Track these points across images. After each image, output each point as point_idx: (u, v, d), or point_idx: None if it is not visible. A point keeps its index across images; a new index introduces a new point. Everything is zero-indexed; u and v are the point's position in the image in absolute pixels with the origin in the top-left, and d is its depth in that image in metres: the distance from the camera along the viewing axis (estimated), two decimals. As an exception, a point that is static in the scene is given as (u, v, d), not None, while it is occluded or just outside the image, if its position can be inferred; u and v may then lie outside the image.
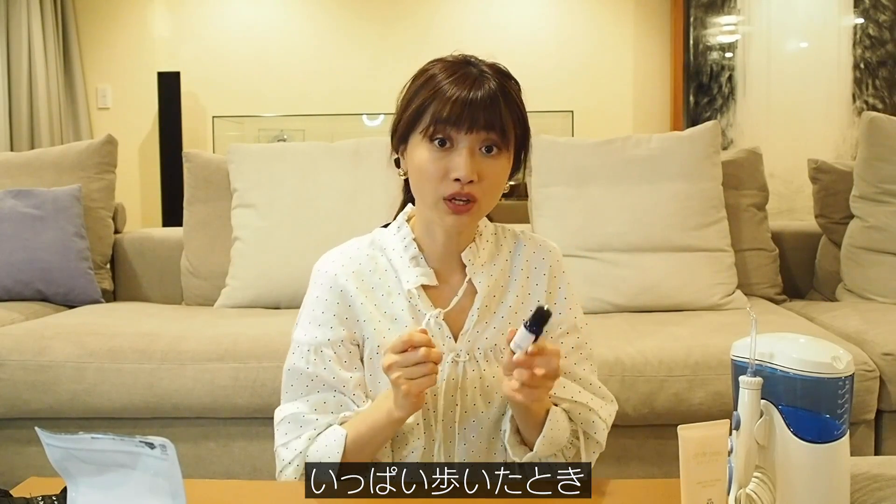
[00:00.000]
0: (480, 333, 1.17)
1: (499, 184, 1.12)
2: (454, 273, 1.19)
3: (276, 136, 4.47)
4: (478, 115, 1.06)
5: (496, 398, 1.16)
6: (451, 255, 1.18)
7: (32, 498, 0.97)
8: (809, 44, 4.21)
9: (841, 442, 0.89)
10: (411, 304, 1.16)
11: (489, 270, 1.18)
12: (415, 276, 1.16)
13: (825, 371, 0.87)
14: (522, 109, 1.13)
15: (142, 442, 0.81)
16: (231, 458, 1.88)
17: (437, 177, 1.08)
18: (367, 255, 1.21)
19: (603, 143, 2.39)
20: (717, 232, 2.32)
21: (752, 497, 0.90)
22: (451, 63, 1.11)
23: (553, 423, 1.11)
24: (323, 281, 1.20)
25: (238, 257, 2.41)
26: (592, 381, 1.22)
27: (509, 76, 1.13)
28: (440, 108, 1.06)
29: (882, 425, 1.83)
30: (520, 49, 4.44)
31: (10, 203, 2.43)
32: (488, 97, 1.07)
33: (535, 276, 1.21)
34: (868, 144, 2.38)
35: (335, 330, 1.16)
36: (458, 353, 1.16)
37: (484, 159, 1.08)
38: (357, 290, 1.17)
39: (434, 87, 1.08)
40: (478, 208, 1.10)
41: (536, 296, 1.20)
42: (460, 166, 1.06)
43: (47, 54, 4.24)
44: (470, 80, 1.08)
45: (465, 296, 1.17)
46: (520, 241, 1.23)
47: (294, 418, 1.16)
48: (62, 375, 1.86)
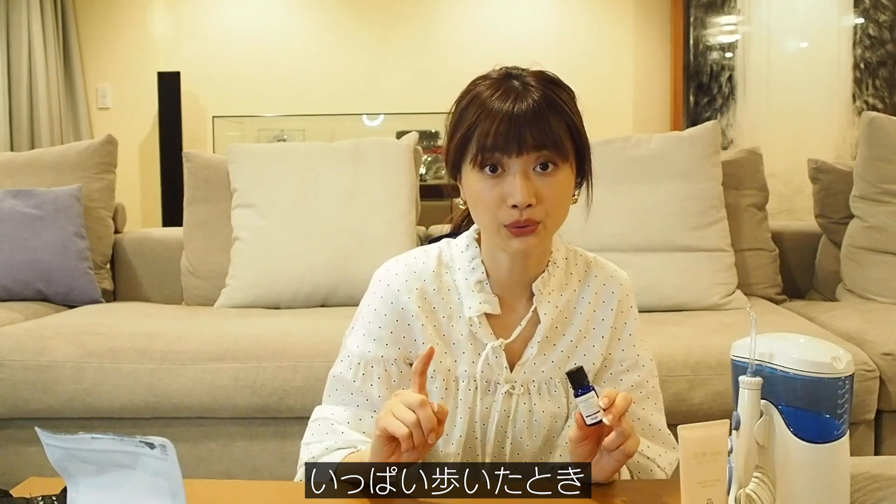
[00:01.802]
0: (538, 366, 1.12)
1: (561, 200, 1.05)
2: (519, 300, 1.13)
3: (276, 136, 4.48)
4: (525, 136, 1.00)
5: (543, 433, 1.12)
6: (518, 282, 1.12)
7: (32, 498, 0.97)
8: (809, 44, 4.21)
9: (841, 442, 0.89)
10: (472, 331, 1.11)
11: (556, 301, 1.13)
12: (477, 304, 1.11)
13: (825, 371, 0.87)
14: (575, 117, 1.06)
15: (142, 442, 0.81)
16: (231, 458, 1.88)
17: (493, 204, 1.03)
18: (433, 271, 1.14)
19: (603, 143, 2.39)
20: (717, 232, 2.32)
21: (752, 497, 0.90)
22: (494, 81, 1.06)
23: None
24: (384, 294, 1.14)
25: (238, 257, 2.41)
26: (653, 422, 1.15)
27: (557, 83, 1.08)
28: (485, 134, 1.01)
29: (882, 425, 1.84)
30: (520, 49, 4.44)
31: (10, 203, 2.43)
32: (532, 113, 1.01)
33: (601, 311, 1.15)
34: (868, 144, 2.38)
35: (389, 348, 1.12)
36: (513, 385, 1.11)
37: (540, 178, 1.03)
38: (419, 309, 1.12)
39: (478, 111, 1.03)
40: (543, 228, 1.04)
41: (601, 331, 1.14)
42: (515, 192, 1.01)
43: (47, 54, 4.24)
44: (512, 97, 1.02)
45: (528, 325, 1.12)
46: (591, 271, 1.17)
47: (325, 423, 1.12)
48: (62, 375, 1.86)
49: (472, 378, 1.11)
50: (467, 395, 1.10)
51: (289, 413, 1.84)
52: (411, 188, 2.44)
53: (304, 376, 1.82)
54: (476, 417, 1.10)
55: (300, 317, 2.16)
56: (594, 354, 1.14)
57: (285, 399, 1.82)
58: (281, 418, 1.85)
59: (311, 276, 2.35)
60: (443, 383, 1.11)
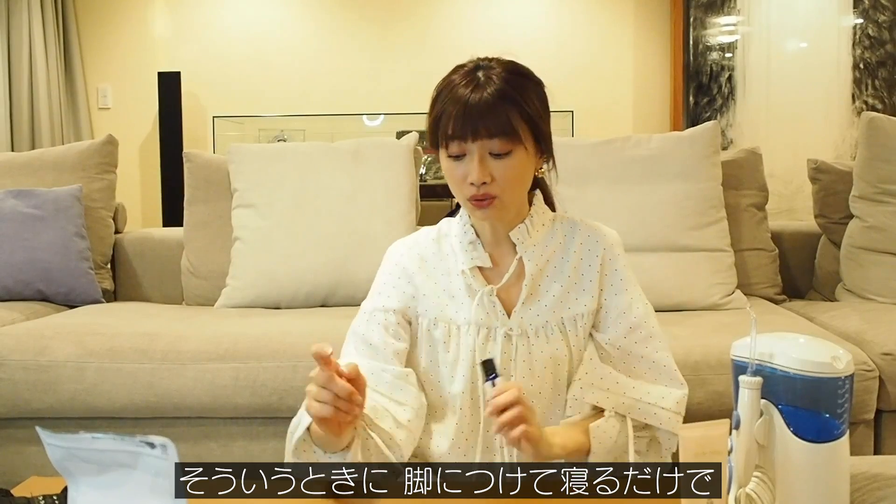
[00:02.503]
0: (533, 310, 1.23)
1: (516, 178, 1.18)
2: (508, 255, 1.26)
3: (276, 136, 4.48)
4: (478, 125, 1.13)
5: (544, 372, 1.22)
6: (503, 240, 1.26)
7: (33, 497, 0.97)
8: (809, 44, 4.21)
9: (841, 441, 0.89)
10: (467, 283, 1.25)
11: (540, 251, 1.25)
12: (469, 259, 1.25)
13: (825, 371, 0.87)
14: (530, 106, 1.17)
15: (142, 441, 0.81)
16: (231, 457, 1.88)
17: (458, 182, 1.18)
18: (433, 239, 1.30)
19: (603, 143, 2.39)
20: (717, 232, 2.32)
21: (752, 497, 0.90)
22: (465, 71, 1.18)
23: (599, 438, 1.17)
24: (389, 261, 1.31)
25: (238, 257, 2.41)
26: (657, 359, 1.24)
27: (521, 74, 1.20)
28: (447, 122, 1.15)
29: (882, 425, 1.84)
30: (520, 49, 4.39)
31: (11, 203, 2.43)
32: (487, 104, 1.13)
33: (588, 258, 1.26)
34: (868, 144, 2.38)
35: (391, 299, 1.26)
36: (510, 329, 1.22)
37: (495, 161, 1.16)
38: (419, 269, 1.27)
39: (445, 98, 1.16)
40: (500, 202, 1.18)
41: (589, 276, 1.25)
42: (472, 173, 1.15)
43: (48, 54, 4.25)
44: (472, 88, 1.14)
45: (518, 275, 1.24)
46: (576, 227, 1.29)
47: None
48: (63, 375, 1.86)
49: (471, 324, 1.22)
50: (468, 339, 1.22)
51: (289, 413, 1.81)
52: (411, 188, 2.44)
53: (304, 376, 1.80)
54: (478, 359, 1.20)
55: (300, 317, 2.16)
56: (585, 299, 1.25)
57: (285, 399, 1.82)
58: (281, 418, 1.85)
59: (311, 276, 2.35)
60: (446, 330, 1.24)
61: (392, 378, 1.20)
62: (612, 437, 1.18)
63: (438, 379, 1.24)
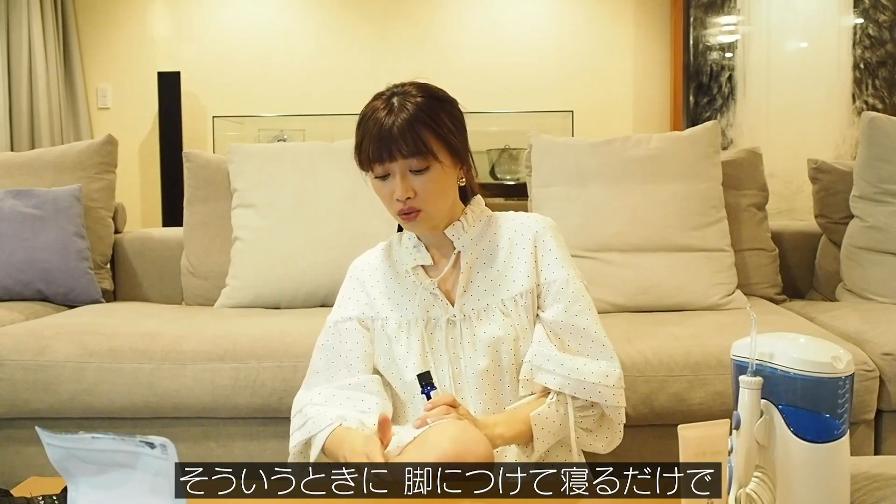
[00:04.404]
0: (474, 296, 1.37)
1: (436, 190, 1.31)
2: (448, 254, 1.40)
3: (276, 136, 4.47)
4: (395, 148, 1.27)
5: (488, 351, 1.34)
6: (443, 242, 1.40)
7: (33, 497, 0.97)
8: (809, 44, 4.21)
9: (841, 442, 0.89)
10: (412, 281, 1.40)
11: (476, 242, 1.39)
12: (413, 259, 1.40)
13: (825, 371, 0.87)
14: (441, 126, 1.31)
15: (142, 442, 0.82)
16: (231, 458, 1.88)
17: (387, 199, 1.33)
18: (383, 250, 1.48)
19: (603, 143, 2.39)
20: (717, 232, 2.32)
21: (752, 497, 0.90)
22: (383, 99, 1.33)
23: (541, 424, 1.28)
24: (348, 276, 1.49)
25: (238, 257, 2.41)
26: (596, 330, 1.35)
27: (434, 96, 1.33)
28: (369, 147, 1.30)
29: (882, 425, 1.83)
30: (520, 49, 4.44)
31: (11, 203, 2.43)
32: (402, 128, 1.27)
33: (521, 242, 1.39)
34: (868, 144, 2.37)
35: (350, 309, 1.44)
36: (453, 315, 1.36)
37: (415, 177, 1.30)
38: (370, 276, 1.44)
39: (365, 124, 1.32)
40: (425, 214, 1.32)
41: (523, 258, 1.38)
42: (396, 190, 1.30)
43: (47, 54, 4.24)
44: (387, 113, 1.29)
45: (456, 267, 1.39)
46: (509, 218, 1.43)
47: (300, 416, 1.39)
48: (62, 375, 1.86)
49: (419, 318, 1.37)
50: (416, 330, 1.37)
51: (289, 413, 1.82)
52: (411, 188, 2.44)
53: (304, 376, 1.82)
54: (427, 347, 1.35)
55: (300, 317, 2.16)
56: (522, 279, 1.37)
57: (285, 399, 1.82)
58: (281, 418, 1.85)
59: (311, 276, 2.35)
60: (397, 326, 1.38)
61: (352, 392, 1.35)
62: (556, 422, 1.29)
63: (398, 373, 1.37)
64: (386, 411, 1.31)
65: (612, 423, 1.34)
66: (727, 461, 0.89)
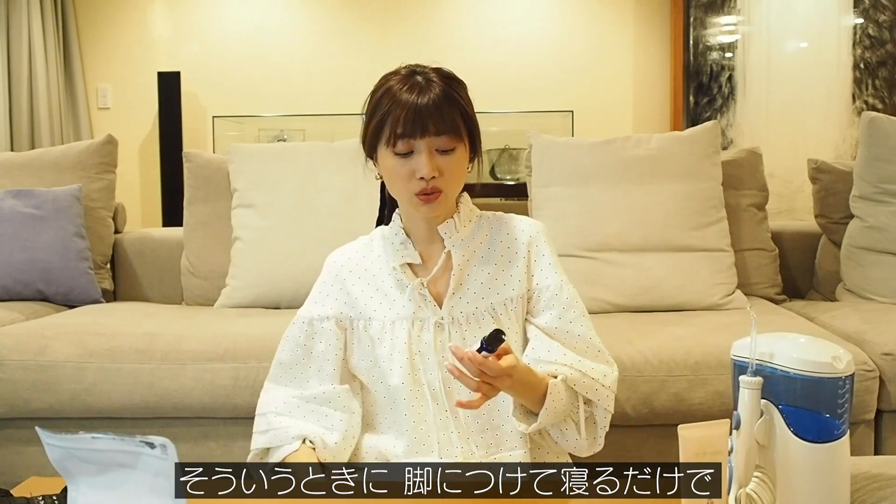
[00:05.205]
0: (463, 299, 1.31)
1: (458, 172, 1.28)
2: (437, 253, 1.33)
3: (276, 136, 4.47)
4: (427, 123, 1.22)
5: None
6: (434, 238, 1.33)
7: (33, 497, 0.97)
8: (809, 44, 4.21)
9: (841, 442, 0.89)
10: (397, 279, 1.33)
11: (467, 243, 1.33)
12: (400, 257, 1.33)
13: (825, 371, 0.87)
14: (468, 107, 1.28)
15: (142, 442, 0.81)
16: (231, 458, 1.88)
17: (404, 178, 1.25)
18: (364, 245, 1.41)
19: (603, 143, 2.39)
20: (717, 232, 2.32)
21: (752, 497, 0.90)
22: (403, 77, 1.28)
23: (554, 395, 1.21)
24: (325, 270, 1.42)
25: (238, 257, 2.41)
26: (591, 336, 1.31)
27: (454, 79, 1.30)
28: (396, 122, 1.23)
29: (882, 425, 1.84)
30: (520, 49, 4.44)
31: (11, 203, 2.43)
32: (433, 105, 1.22)
33: (514, 246, 1.34)
34: (868, 144, 2.38)
35: (325, 307, 1.36)
36: (441, 318, 1.30)
37: (441, 157, 1.25)
38: (351, 273, 1.37)
39: (389, 102, 1.25)
40: (445, 196, 1.26)
41: (515, 263, 1.33)
42: (422, 167, 1.23)
43: (47, 54, 4.24)
44: (417, 90, 1.24)
45: (446, 268, 1.32)
46: (501, 220, 1.38)
47: (263, 419, 1.34)
48: (62, 375, 1.86)
49: (405, 319, 1.30)
50: (402, 332, 1.30)
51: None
52: (411, 188, 2.44)
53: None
54: (414, 350, 1.29)
55: (300, 317, 2.16)
56: (513, 283, 1.32)
57: (285, 399, 1.82)
58: (281, 418, 1.85)
59: (312, 276, 2.32)
60: (380, 327, 1.31)
61: (317, 406, 1.30)
62: (564, 400, 1.24)
63: (381, 377, 1.30)
64: (350, 428, 1.29)
65: (595, 428, 1.28)
66: (727, 461, 0.89)
